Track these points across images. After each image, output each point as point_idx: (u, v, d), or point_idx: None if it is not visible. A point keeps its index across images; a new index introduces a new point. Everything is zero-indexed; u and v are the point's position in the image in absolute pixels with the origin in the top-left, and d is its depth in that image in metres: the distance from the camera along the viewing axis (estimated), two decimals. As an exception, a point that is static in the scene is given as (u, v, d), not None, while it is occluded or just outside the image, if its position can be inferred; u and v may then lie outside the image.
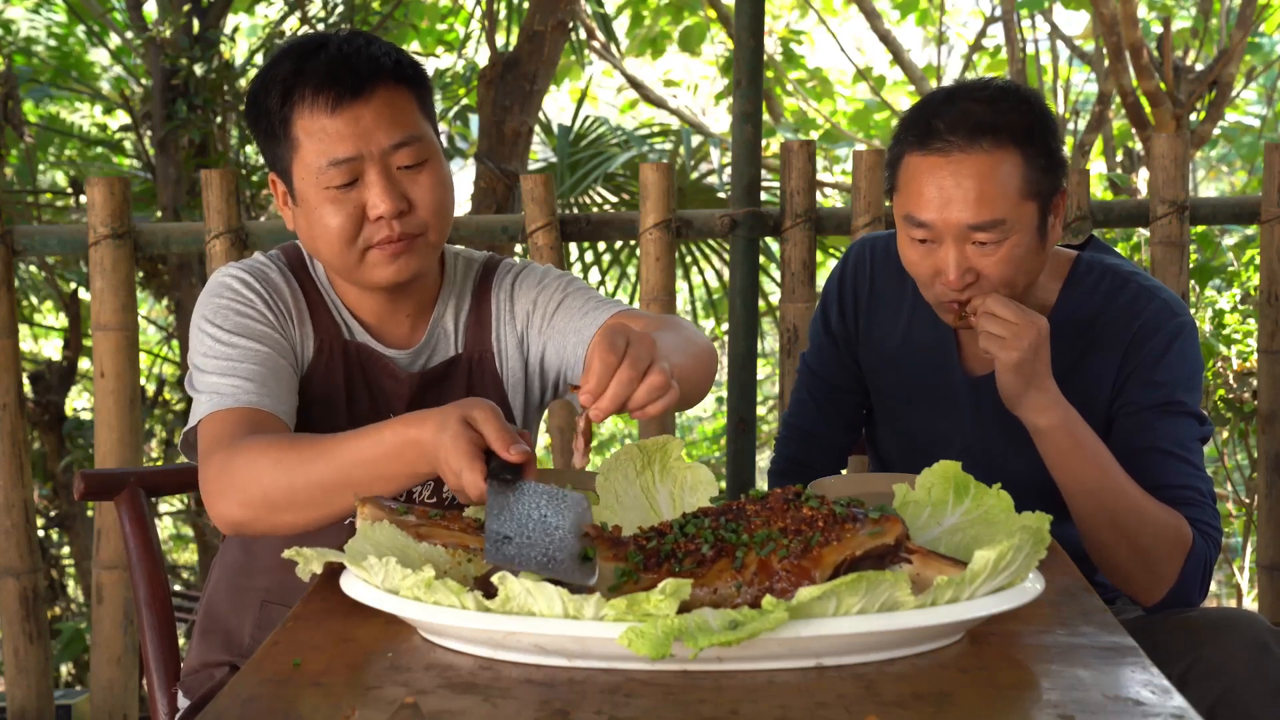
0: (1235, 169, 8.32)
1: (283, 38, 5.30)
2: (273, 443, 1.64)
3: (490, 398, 1.94)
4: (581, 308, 1.93)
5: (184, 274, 5.00)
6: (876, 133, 7.78)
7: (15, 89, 5.20)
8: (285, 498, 1.61)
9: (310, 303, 1.89)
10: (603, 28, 6.18)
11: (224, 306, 1.82)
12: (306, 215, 1.80)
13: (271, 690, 1.24)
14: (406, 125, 1.78)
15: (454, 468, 1.46)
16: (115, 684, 3.26)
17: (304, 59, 1.78)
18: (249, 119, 1.85)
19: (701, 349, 1.79)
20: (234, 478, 1.64)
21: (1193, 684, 1.74)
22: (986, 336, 1.85)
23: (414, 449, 1.53)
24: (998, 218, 1.85)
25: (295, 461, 1.61)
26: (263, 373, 1.76)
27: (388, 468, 1.56)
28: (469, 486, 1.45)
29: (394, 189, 1.77)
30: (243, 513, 1.64)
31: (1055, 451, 1.88)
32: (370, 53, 1.78)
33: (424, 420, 1.53)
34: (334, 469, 1.58)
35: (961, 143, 1.85)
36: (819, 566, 1.30)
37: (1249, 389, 4.17)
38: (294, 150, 1.78)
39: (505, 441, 1.45)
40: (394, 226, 1.77)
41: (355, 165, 1.76)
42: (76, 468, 4.79)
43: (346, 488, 1.58)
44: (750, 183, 3.31)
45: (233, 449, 1.66)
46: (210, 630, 1.99)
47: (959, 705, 1.18)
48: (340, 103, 1.75)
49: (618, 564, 1.35)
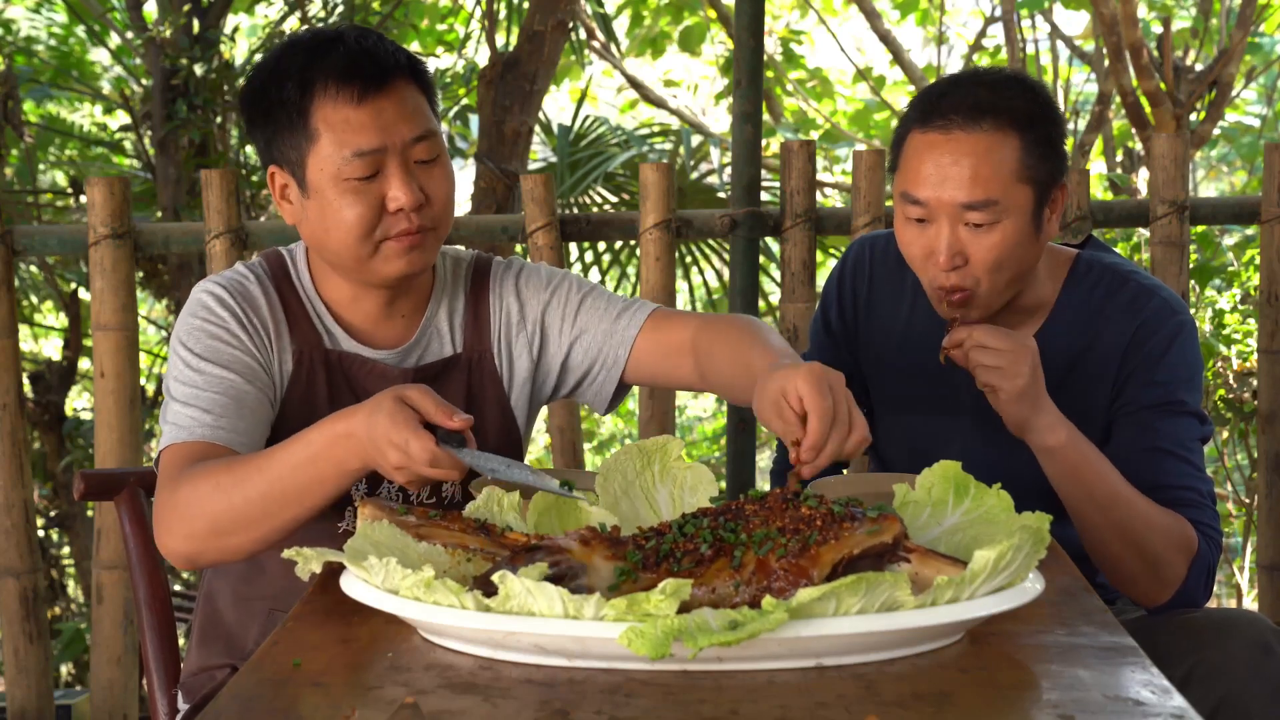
0: (1235, 169, 8.32)
1: (282, 38, 5.29)
2: (213, 468, 1.65)
3: (490, 396, 1.94)
4: (606, 306, 1.95)
5: (184, 274, 4.99)
6: (876, 133, 7.78)
7: (15, 89, 5.20)
8: (229, 520, 1.62)
9: (289, 314, 1.88)
10: (603, 28, 6.18)
11: (197, 328, 1.82)
12: (320, 207, 1.79)
13: (271, 690, 1.24)
14: (423, 120, 1.80)
15: (397, 440, 1.48)
16: (115, 684, 3.26)
17: (319, 51, 1.78)
18: (252, 110, 1.83)
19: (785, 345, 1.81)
20: (179, 510, 1.65)
21: (1194, 685, 1.74)
22: (983, 370, 1.83)
23: (343, 443, 1.55)
24: (990, 197, 1.86)
25: (232, 482, 1.62)
26: (224, 403, 1.76)
27: (318, 469, 1.58)
28: (418, 451, 1.47)
29: (414, 181, 1.78)
30: (189, 545, 1.66)
31: (1063, 469, 1.87)
32: (384, 49, 1.80)
33: (353, 412, 1.56)
34: (268, 481, 1.60)
35: (963, 121, 1.87)
36: (816, 565, 1.30)
37: (1249, 389, 4.17)
38: (311, 141, 1.77)
39: (446, 411, 1.50)
40: (413, 219, 1.78)
41: (378, 158, 1.76)
42: (76, 468, 4.79)
43: (284, 499, 1.60)
44: (750, 183, 3.31)
45: (176, 482, 1.67)
46: (212, 636, 1.97)
47: (959, 705, 1.18)
48: (365, 94, 1.76)
49: (616, 563, 1.35)
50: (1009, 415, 1.85)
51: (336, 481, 1.59)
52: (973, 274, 1.90)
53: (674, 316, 1.93)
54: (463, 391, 1.93)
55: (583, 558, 1.35)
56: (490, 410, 1.95)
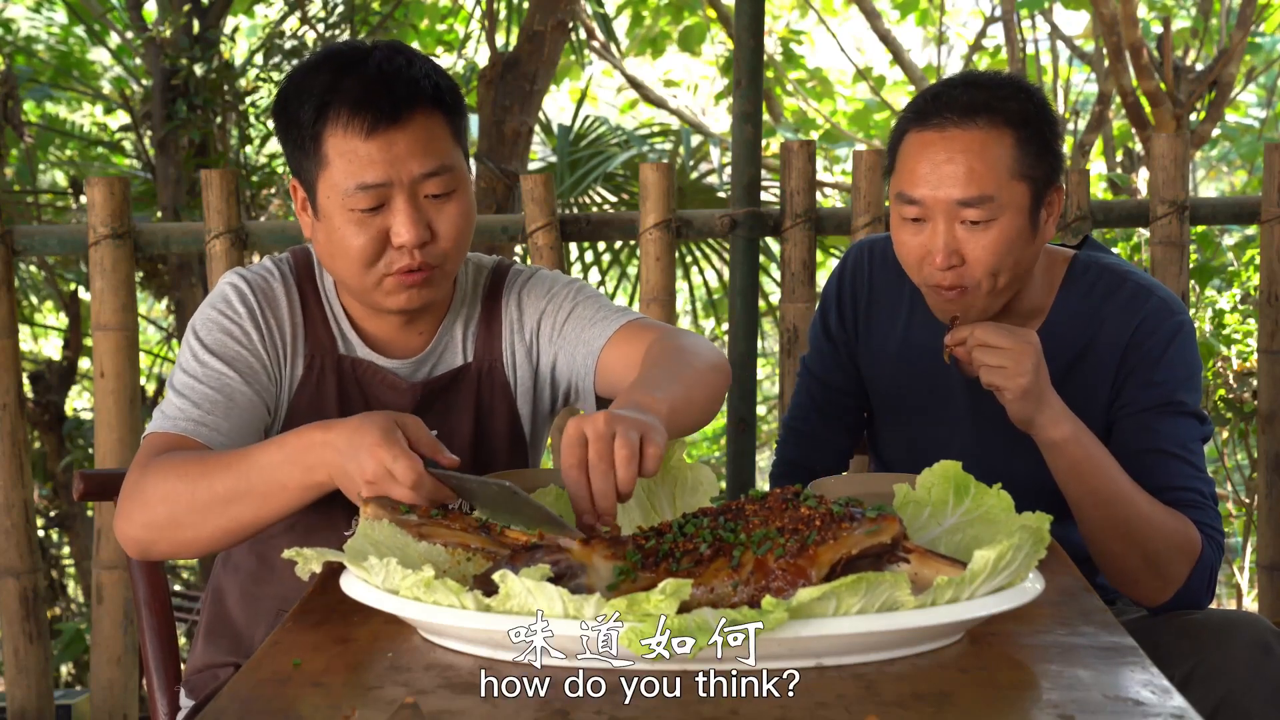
0: (1235, 169, 8.32)
1: (283, 38, 5.30)
2: (182, 459, 1.64)
3: (499, 407, 1.94)
4: (591, 317, 1.91)
5: (184, 274, 4.99)
6: (876, 133, 7.78)
7: (15, 89, 5.20)
8: (187, 513, 1.61)
9: (307, 316, 1.88)
10: (603, 28, 6.18)
11: (212, 319, 1.82)
12: (328, 231, 1.78)
13: (271, 690, 1.24)
14: (439, 154, 1.75)
15: (384, 458, 1.46)
16: (115, 684, 3.26)
17: (342, 72, 1.74)
18: (277, 124, 1.81)
19: (699, 370, 1.72)
20: (141, 497, 1.64)
21: (1195, 686, 1.74)
22: (987, 370, 1.83)
23: (317, 451, 1.53)
24: (986, 193, 1.86)
25: (200, 475, 1.61)
26: (216, 400, 1.76)
27: (284, 472, 1.56)
28: (404, 471, 1.45)
29: (419, 218, 1.74)
30: (145, 533, 1.65)
31: (1068, 464, 1.86)
32: (410, 75, 1.74)
33: (336, 424, 1.53)
34: (236, 478, 1.58)
35: (958, 118, 1.88)
36: (815, 565, 1.30)
37: (1249, 389, 4.17)
38: (322, 166, 1.75)
39: (436, 446, 1.50)
40: (415, 255, 1.76)
41: (383, 191, 1.73)
42: (76, 468, 4.79)
43: (248, 496, 1.58)
44: (750, 183, 3.31)
45: (144, 469, 1.66)
46: (218, 633, 1.98)
47: (959, 705, 1.18)
48: (376, 128, 1.71)
49: (616, 563, 1.35)
50: (1014, 412, 1.85)
51: (299, 491, 1.57)
52: (970, 274, 1.90)
53: (645, 329, 1.86)
54: (472, 401, 1.92)
55: (582, 557, 1.35)
56: (499, 420, 1.94)
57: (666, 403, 1.56)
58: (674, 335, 1.81)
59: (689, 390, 1.67)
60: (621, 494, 1.42)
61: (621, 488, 1.41)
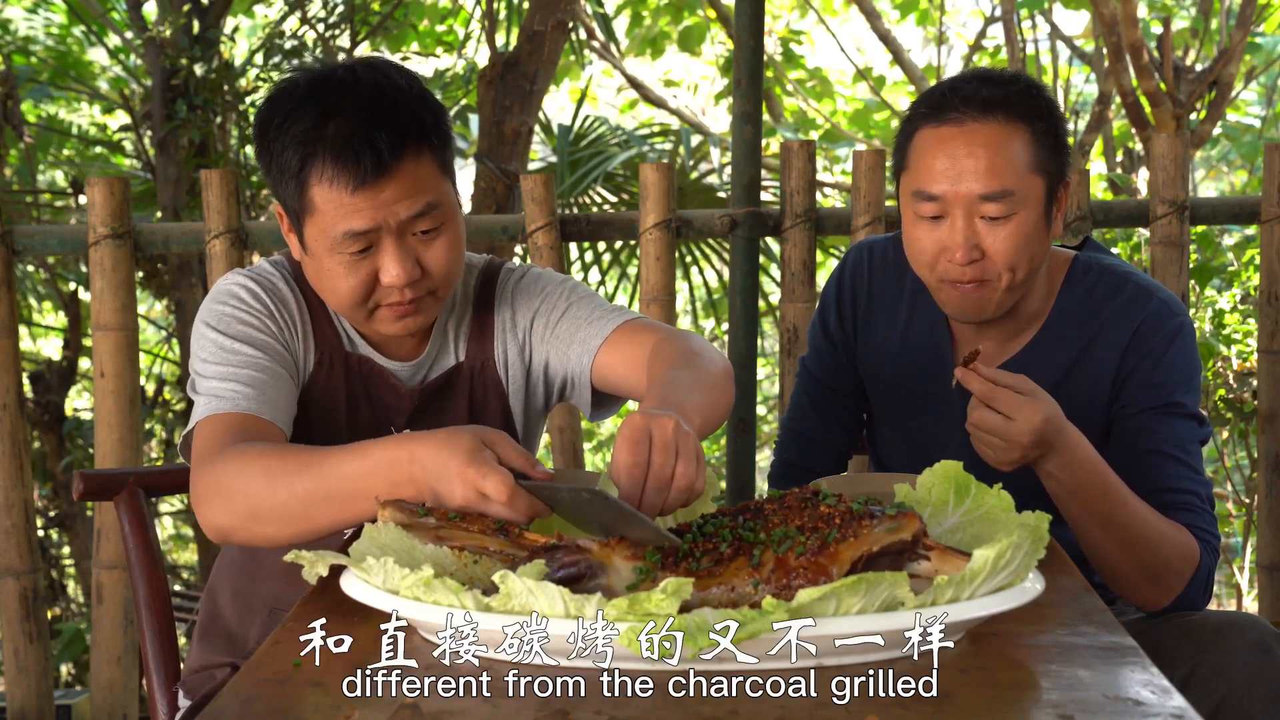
0: (1235, 169, 8.32)
1: (283, 38, 5.30)
2: (263, 452, 1.63)
3: (492, 406, 1.94)
4: (587, 316, 1.91)
5: (184, 274, 4.99)
6: (876, 133, 7.78)
7: (15, 89, 5.20)
8: (269, 509, 1.59)
9: (313, 314, 1.89)
10: (603, 28, 6.19)
11: (227, 314, 1.82)
12: (317, 269, 1.79)
13: (271, 690, 1.24)
14: (427, 193, 1.74)
15: (473, 477, 1.43)
16: (115, 684, 3.27)
17: (326, 116, 1.71)
18: (259, 154, 1.80)
19: (716, 378, 1.72)
20: (222, 485, 1.62)
21: (1194, 687, 1.74)
22: (977, 440, 1.81)
23: (403, 467, 1.50)
24: (1007, 187, 1.87)
25: (281, 472, 1.59)
26: (262, 379, 1.76)
27: (368, 483, 1.53)
28: (496, 488, 1.41)
29: (408, 258, 1.74)
30: (229, 520, 1.63)
31: (1067, 493, 1.84)
32: (395, 118, 1.72)
33: (421, 439, 1.50)
34: (317, 482, 1.57)
35: (975, 114, 1.88)
36: (836, 563, 1.30)
37: (1249, 389, 4.17)
38: (308, 211, 1.75)
39: (528, 461, 1.46)
40: (405, 293, 1.76)
41: (371, 235, 1.73)
42: (76, 468, 4.79)
43: (329, 502, 1.56)
44: (750, 183, 3.31)
45: (223, 456, 1.64)
46: (213, 632, 1.98)
47: (959, 705, 1.18)
48: (362, 184, 1.70)
49: (636, 563, 1.34)
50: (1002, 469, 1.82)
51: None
52: (991, 267, 1.90)
53: (644, 329, 1.86)
54: (465, 400, 1.93)
55: (602, 558, 1.34)
56: (492, 418, 1.94)
57: (700, 415, 1.57)
58: (680, 337, 1.81)
59: (714, 400, 1.68)
60: (663, 512, 1.43)
61: (666, 509, 1.43)
